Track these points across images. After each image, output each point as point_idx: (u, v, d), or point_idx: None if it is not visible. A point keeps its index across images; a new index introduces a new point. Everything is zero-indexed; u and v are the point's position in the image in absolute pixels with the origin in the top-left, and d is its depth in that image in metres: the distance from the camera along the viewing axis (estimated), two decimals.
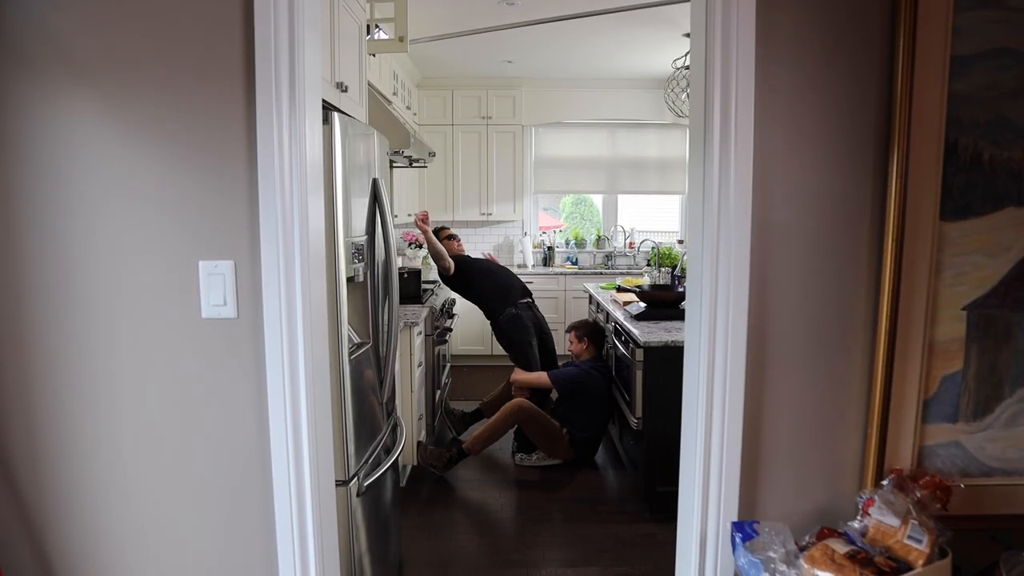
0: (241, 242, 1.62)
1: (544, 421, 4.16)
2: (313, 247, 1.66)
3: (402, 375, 3.84)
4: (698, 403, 1.75)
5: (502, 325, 4.67)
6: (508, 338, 4.67)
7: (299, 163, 1.60)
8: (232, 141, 1.60)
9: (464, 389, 6.02)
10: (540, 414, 4.16)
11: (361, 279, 2.37)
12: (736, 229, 1.66)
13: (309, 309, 1.65)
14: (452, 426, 4.77)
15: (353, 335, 2.38)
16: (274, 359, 1.64)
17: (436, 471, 4.03)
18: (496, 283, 4.75)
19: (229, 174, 1.61)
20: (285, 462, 1.67)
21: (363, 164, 2.41)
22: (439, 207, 7.01)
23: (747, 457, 1.74)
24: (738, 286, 1.67)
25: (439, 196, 6.98)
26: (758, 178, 1.66)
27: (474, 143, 6.94)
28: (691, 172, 1.79)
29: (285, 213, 1.60)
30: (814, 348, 1.72)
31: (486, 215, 7.04)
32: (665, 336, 3.56)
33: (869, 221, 1.69)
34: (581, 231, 7.67)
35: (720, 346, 1.70)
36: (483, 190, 6.98)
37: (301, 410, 1.66)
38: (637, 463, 3.80)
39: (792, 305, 1.71)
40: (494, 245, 7.46)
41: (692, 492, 1.78)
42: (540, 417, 4.15)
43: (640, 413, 3.59)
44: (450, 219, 7.04)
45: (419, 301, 4.53)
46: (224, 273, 1.63)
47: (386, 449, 2.69)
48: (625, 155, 7.28)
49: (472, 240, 7.47)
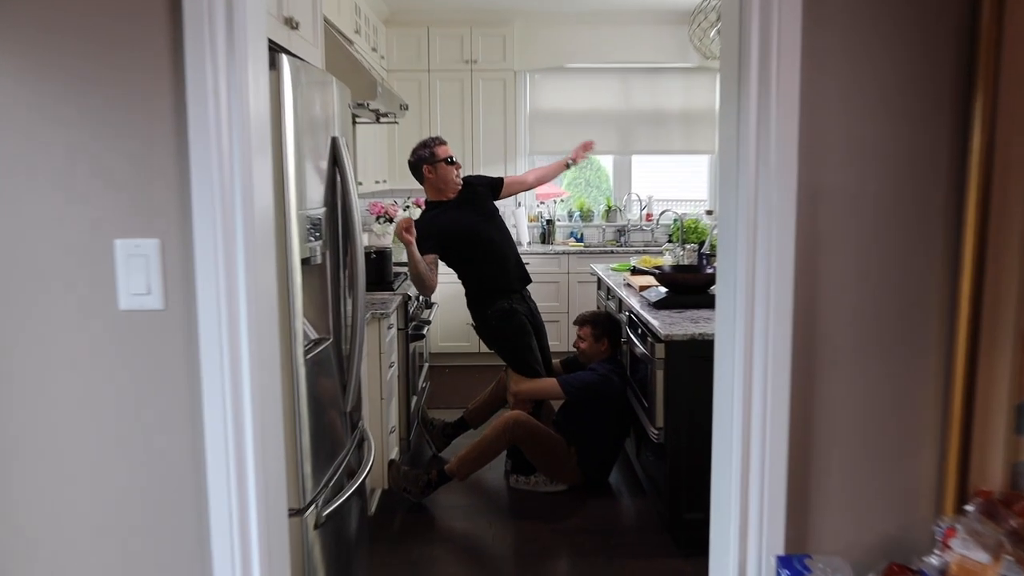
0: (169, 216, 1.61)
1: (547, 439, 4.15)
2: (259, 222, 1.65)
3: (370, 378, 3.82)
4: (732, 410, 1.75)
5: (492, 322, 4.39)
6: (501, 339, 4.42)
7: (240, 118, 1.58)
8: (156, 91, 1.58)
9: (446, 394, 6.02)
10: (541, 430, 4.16)
11: (319, 261, 2.36)
12: (778, 196, 1.65)
13: (254, 298, 1.63)
14: (431, 441, 4.77)
15: (309, 330, 2.36)
16: (211, 360, 1.63)
17: (412, 497, 4.03)
18: (492, 266, 4.39)
19: (153, 132, 1.59)
20: (225, 488, 1.66)
21: (320, 119, 2.39)
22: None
23: (794, 476, 1.74)
24: (780, 266, 1.67)
25: None
26: (805, 132, 1.65)
27: (455, 93, 6.90)
28: (722, 126, 1.78)
29: (223, 180, 1.59)
30: (876, 341, 1.72)
31: None
32: (691, 328, 3.56)
33: (945, 184, 1.68)
34: (587, 201, 7.66)
35: (759, 339, 1.70)
36: (467, 151, 6.95)
37: (245, 423, 1.65)
38: (659, 484, 3.81)
39: (848, 288, 1.71)
40: None
41: (727, 520, 1.78)
42: (541, 434, 4.14)
43: (661, 423, 3.59)
44: None
45: (390, 287, 4.51)
46: (147, 254, 1.61)
47: (350, 470, 2.67)
48: (641, 107, 7.26)
49: None
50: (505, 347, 4.44)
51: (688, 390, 3.51)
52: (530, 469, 4.28)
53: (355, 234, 2.56)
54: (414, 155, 4.38)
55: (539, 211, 7.45)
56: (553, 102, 7.30)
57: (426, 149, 4.35)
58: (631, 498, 4.19)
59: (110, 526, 1.69)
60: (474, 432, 4.63)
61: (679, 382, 3.52)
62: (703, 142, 7.28)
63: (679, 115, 7.25)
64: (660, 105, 7.24)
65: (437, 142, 4.37)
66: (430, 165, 4.33)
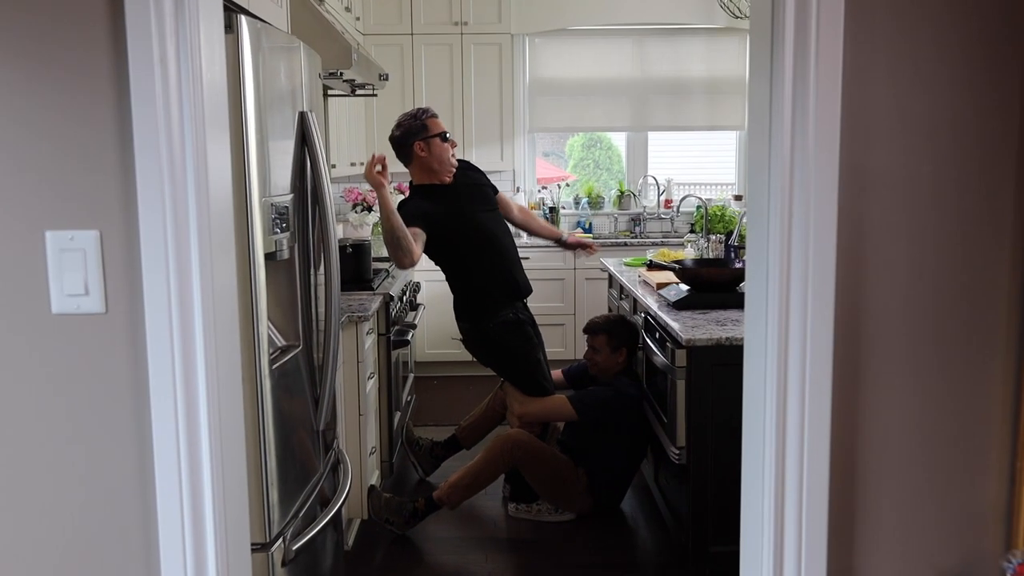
0: (110, 204, 1.60)
1: (551, 461, 4.15)
2: (216, 210, 1.64)
3: (346, 391, 3.82)
4: (764, 426, 1.75)
5: (494, 336, 4.25)
6: (505, 354, 4.30)
7: (192, 90, 1.58)
8: (91, 61, 1.57)
9: (434, 409, 6.02)
10: (545, 451, 4.15)
11: (286, 255, 2.36)
12: (817, 178, 1.65)
13: (211, 299, 1.63)
14: (417, 463, 4.77)
15: (275, 335, 2.36)
16: (161, 372, 1.62)
17: (395, 529, 4.02)
18: (494, 268, 4.21)
19: (89, 107, 1.58)
20: (178, 520, 1.65)
21: (285, 91, 2.39)
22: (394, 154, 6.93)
23: (837, 502, 1.74)
24: (820, 259, 1.67)
25: None
26: (848, 104, 1.64)
27: (443, 61, 6.89)
28: (752, 98, 1.77)
29: (173, 162, 1.58)
30: (932, 346, 1.72)
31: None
32: (717, 332, 3.56)
33: (1016, 166, 1.68)
34: (596, 185, 7.66)
35: (795, 345, 1.70)
36: (456, 128, 6.94)
37: (201, 445, 1.65)
38: (680, 512, 3.81)
39: (898, 286, 1.70)
40: None
41: (760, 554, 1.78)
42: (545, 455, 4.14)
43: (682, 441, 3.59)
44: None
45: (369, 287, 4.50)
46: (85, 248, 1.61)
47: (323, 498, 2.67)
48: (658, 75, 7.26)
49: None
50: (509, 363, 4.36)
51: (714, 403, 3.50)
52: (532, 496, 4.28)
53: (328, 225, 2.56)
54: (400, 128, 4.18)
55: (540, 197, 7.45)
56: (556, 70, 7.29)
57: (417, 121, 4.14)
58: (649, 528, 4.19)
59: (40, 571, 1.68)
60: (467, 453, 4.62)
61: (703, 394, 3.52)
62: (730, 116, 7.28)
63: (703, 85, 7.24)
64: (680, 73, 7.23)
65: (429, 114, 4.19)
66: (422, 141, 4.13)
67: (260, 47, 2.16)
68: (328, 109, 5.07)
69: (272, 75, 2.27)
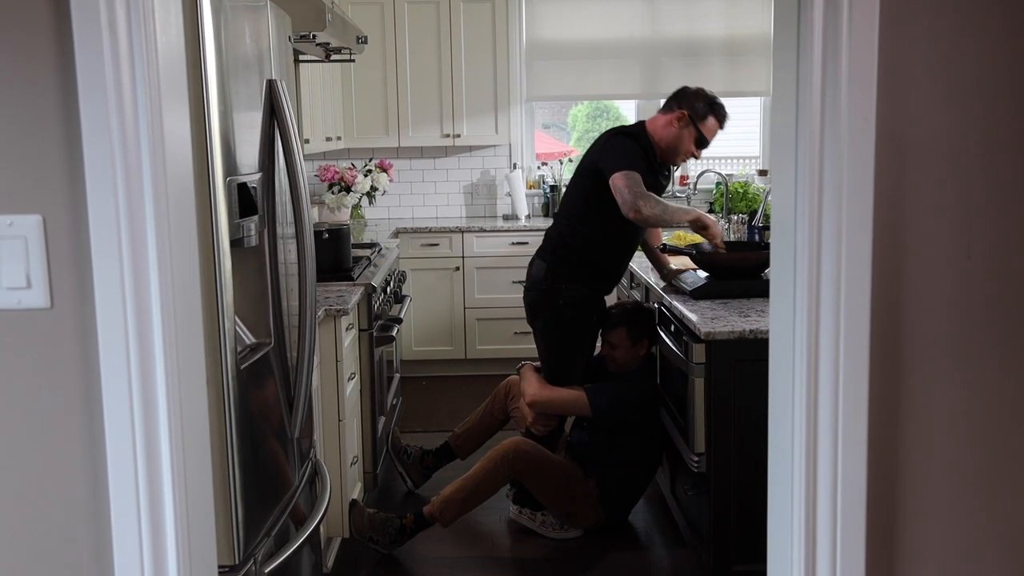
0: (54, 186, 1.60)
1: (557, 471, 4.15)
2: (174, 192, 1.64)
3: (323, 394, 3.82)
4: (793, 430, 1.75)
5: (562, 302, 4.32)
6: (559, 328, 4.38)
7: (145, 56, 1.57)
8: (29, 25, 1.56)
9: (423, 413, 6.04)
10: (551, 460, 4.15)
11: (254, 242, 2.36)
12: (850, 149, 1.65)
13: (170, 291, 1.63)
14: (405, 474, 4.78)
15: (244, 332, 2.36)
16: (114, 374, 1.62)
17: (380, 548, 4.03)
18: (620, 245, 4.42)
19: (29, 73, 1.58)
20: (136, 543, 1.65)
21: (252, 57, 2.39)
22: (375, 126, 6.96)
23: (875, 517, 1.74)
24: (855, 240, 1.67)
25: (374, 108, 6.94)
26: (885, 63, 1.64)
27: (429, 21, 6.88)
28: (777, 59, 1.78)
29: (125, 138, 1.58)
30: (982, 339, 1.72)
31: (451, 137, 7.01)
32: (739, 323, 3.57)
33: None
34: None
35: (827, 337, 1.70)
36: (445, 98, 6.94)
37: (161, 457, 1.65)
38: (700, 527, 3.82)
39: (944, 270, 1.71)
40: (465, 185, 7.43)
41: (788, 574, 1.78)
42: (550, 466, 4.14)
43: (702, 447, 3.60)
44: (394, 145, 6.99)
45: (348, 276, 4.50)
46: (25, 235, 1.60)
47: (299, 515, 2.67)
48: (672, 36, 7.25)
49: (430, 178, 7.43)
50: (555, 339, 4.42)
51: (736, 404, 3.51)
52: (538, 502, 4.29)
53: (302, 207, 2.56)
54: (695, 96, 4.33)
55: (540, 175, 7.45)
56: (557, 32, 7.28)
57: (706, 107, 4.31)
58: (665, 545, 4.21)
59: None
60: (461, 464, 4.62)
61: (725, 393, 3.53)
62: (753, 81, 7.27)
63: (721, 46, 7.23)
64: (696, 33, 7.22)
65: (720, 115, 4.36)
66: (690, 122, 4.29)
67: (222, 6, 2.15)
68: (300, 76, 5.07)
69: (236, 38, 2.26)
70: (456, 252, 6.70)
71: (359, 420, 4.35)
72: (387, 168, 6.68)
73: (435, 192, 7.41)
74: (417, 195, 7.47)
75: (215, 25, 2.10)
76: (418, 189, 7.45)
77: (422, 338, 6.77)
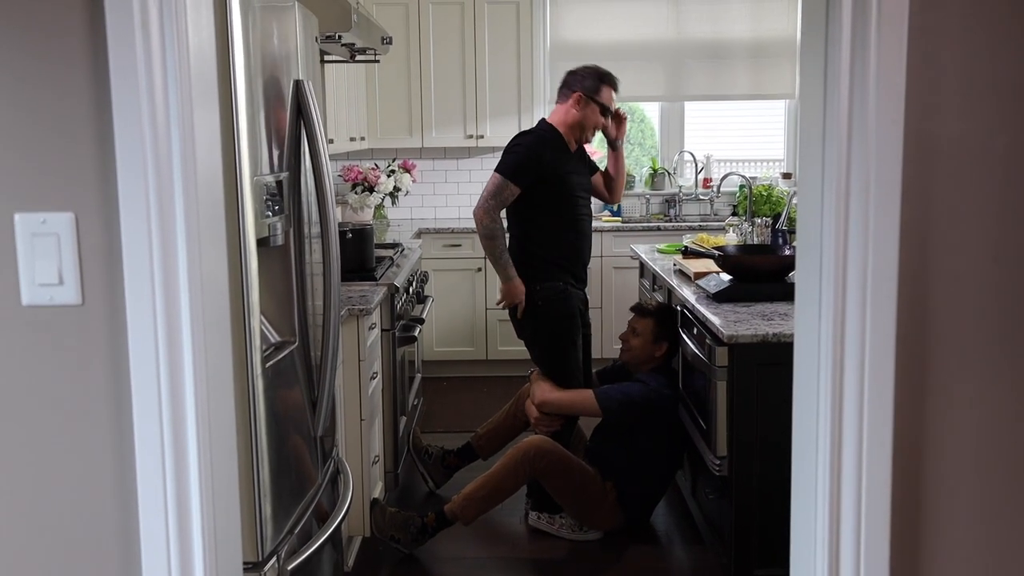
0: (86, 184, 1.60)
1: (577, 473, 4.15)
2: (204, 191, 1.64)
3: (346, 393, 3.83)
4: (817, 434, 1.74)
5: (538, 302, 4.40)
6: (542, 327, 4.45)
7: (177, 57, 1.57)
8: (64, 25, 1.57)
9: (444, 414, 6.04)
10: (571, 462, 4.15)
11: (280, 242, 2.37)
12: (878, 152, 1.64)
13: (199, 289, 1.63)
14: (427, 474, 4.78)
15: (269, 331, 2.37)
16: (143, 370, 1.62)
17: (401, 547, 4.03)
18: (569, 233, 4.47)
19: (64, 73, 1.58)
20: (163, 538, 1.65)
21: (279, 57, 2.39)
22: (399, 127, 6.97)
23: (901, 522, 1.73)
24: (881, 243, 1.66)
25: (398, 109, 6.95)
26: (914, 66, 1.63)
27: (454, 22, 6.89)
28: (804, 60, 1.77)
29: (157, 137, 1.58)
30: (1011, 342, 1.71)
31: (474, 138, 7.01)
32: (763, 327, 3.56)
33: None
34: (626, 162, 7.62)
35: (853, 341, 1.69)
36: (469, 99, 6.94)
37: (188, 454, 1.65)
38: (721, 530, 3.81)
39: (972, 274, 1.69)
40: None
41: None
42: (570, 467, 4.13)
43: (724, 450, 3.59)
44: (417, 145, 7.00)
45: (371, 276, 4.51)
46: (58, 233, 1.61)
47: (321, 513, 2.68)
48: (697, 38, 7.23)
49: (453, 178, 7.44)
50: (543, 339, 4.47)
51: (759, 407, 3.50)
52: (555, 507, 4.29)
53: (327, 207, 2.56)
54: (580, 72, 4.50)
55: None
56: (581, 34, 7.27)
57: (595, 81, 4.46)
58: (685, 548, 4.19)
59: None
60: (483, 464, 4.62)
61: (747, 397, 3.52)
62: (778, 83, 7.24)
63: (747, 48, 7.20)
64: (721, 35, 7.20)
65: (609, 81, 4.50)
66: (585, 97, 4.43)
67: (250, 6, 2.16)
68: (325, 77, 5.08)
69: (264, 39, 2.26)
70: (478, 253, 6.66)
71: (381, 420, 4.36)
72: (410, 169, 6.69)
73: (458, 193, 7.41)
74: (440, 196, 7.48)
75: (243, 25, 2.11)
76: (441, 190, 7.46)
77: (444, 338, 6.77)
